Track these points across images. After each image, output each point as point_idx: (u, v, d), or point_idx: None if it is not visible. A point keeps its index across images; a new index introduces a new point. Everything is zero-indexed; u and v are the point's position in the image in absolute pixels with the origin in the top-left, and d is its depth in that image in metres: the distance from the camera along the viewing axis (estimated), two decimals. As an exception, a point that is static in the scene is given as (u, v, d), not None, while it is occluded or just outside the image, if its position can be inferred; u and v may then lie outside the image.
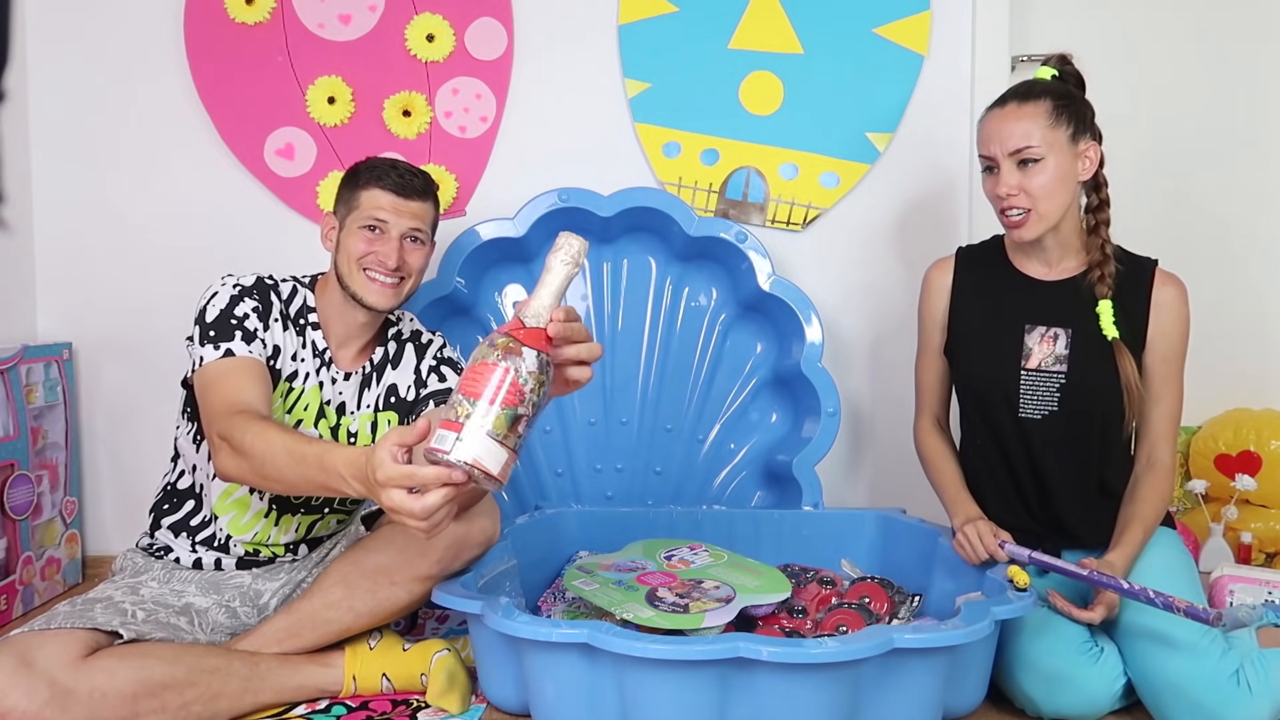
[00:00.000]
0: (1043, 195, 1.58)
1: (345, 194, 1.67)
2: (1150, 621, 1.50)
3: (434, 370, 1.74)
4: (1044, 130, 1.58)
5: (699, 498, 2.18)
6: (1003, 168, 1.60)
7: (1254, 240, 2.40)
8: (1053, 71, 1.68)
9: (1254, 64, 2.36)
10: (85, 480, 2.29)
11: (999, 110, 1.62)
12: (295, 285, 1.69)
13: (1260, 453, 2.24)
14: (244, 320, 1.58)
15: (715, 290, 2.21)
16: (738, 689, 1.31)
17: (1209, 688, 1.42)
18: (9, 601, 2.00)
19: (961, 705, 1.48)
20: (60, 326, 2.28)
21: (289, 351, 1.64)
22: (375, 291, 1.63)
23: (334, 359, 1.68)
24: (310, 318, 1.67)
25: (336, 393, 1.68)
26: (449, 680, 1.55)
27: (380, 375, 1.72)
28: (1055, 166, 1.58)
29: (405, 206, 1.64)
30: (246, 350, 1.56)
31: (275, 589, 1.69)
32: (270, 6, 2.19)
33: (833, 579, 1.81)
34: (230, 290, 1.60)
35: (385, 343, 1.74)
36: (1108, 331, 1.62)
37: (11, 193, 2.21)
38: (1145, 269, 1.67)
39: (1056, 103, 1.59)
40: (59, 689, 1.33)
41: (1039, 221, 1.61)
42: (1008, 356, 1.68)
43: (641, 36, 2.22)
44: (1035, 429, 1.67)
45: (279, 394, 1.63)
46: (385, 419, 1.72)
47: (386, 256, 1.62)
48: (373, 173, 1.64)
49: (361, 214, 1.63)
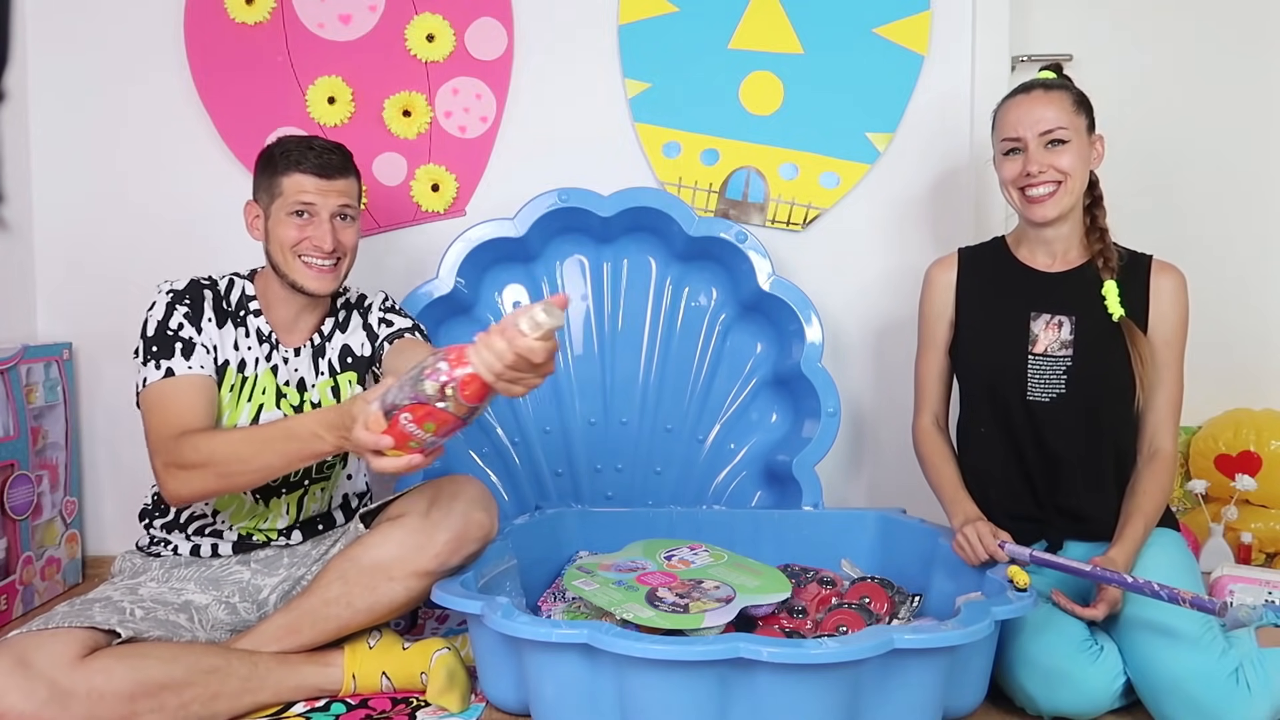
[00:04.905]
0: (1071, 173, 1.66)
1: (264, 181, 1.66)
2: (1150, 619, 1.50)
3: (381, 321, 1.77)
4: (1069, 115, 1.67)
5: (699, 498, 2.18)
6: (1032, 147, 1.67)
7: (1254, 240, 2.39)
8: (1052, 75, 1.75)
9: (1254, 63, 2.36)
10: (85, 480, 2.29)
11: (1025, 96, 1.71)
12: (233, 279, 1.71)
13: (1260, 453, 2.23)
14: (179, 331, 1.60)
15: (715, 290, 2.21)
16: (738, 689, 1.31)
17: (1208, 686, 1.42)
18: (9, 601, 2.00)
19: (961, 705, 1.48)
20: (60, 326, 2.28)
21: (228, 343, 1.65)
22: (314, 278, 1.65)
23: (280, 340, 1.70)
24: (251, 306, 1.70)
25: (292, 370, 1.70)
26: (449, 678, 1.55)
27: (330, 341, 1.75)
28: (1078, 150, 1.67)
29: (330, 186, 1.64)
30: (187, 367, 1.59)
31: (274, 584, 1.70)
32: (270, 6, 2.19)
33: (833, 579, 1.81)
34: (165, 299, 1.62)
35: (335, 313, 1.77)
36: (1114, 311, 1.66)
37: (11, 193, 2.21)
38: (1142, 261, 1.73)
39: (1075, 95, 1.70)
40: (58, 689, 1.33)
41: (1065, 196, 1.68)
42: (1015, 342, 1.72)
43: (641, 36, 2.22)
44: (1043, 412, 1.69)
45: (233, 386, 1.65)
46: (345, 380, 1.75)
47: (321, 240, 1.62)
48: (289, 157, 1.63)
49: (286, 201, 1.63)
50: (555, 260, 2.20)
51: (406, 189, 2.23)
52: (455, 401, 1.18)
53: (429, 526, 1.57)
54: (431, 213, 2.24)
